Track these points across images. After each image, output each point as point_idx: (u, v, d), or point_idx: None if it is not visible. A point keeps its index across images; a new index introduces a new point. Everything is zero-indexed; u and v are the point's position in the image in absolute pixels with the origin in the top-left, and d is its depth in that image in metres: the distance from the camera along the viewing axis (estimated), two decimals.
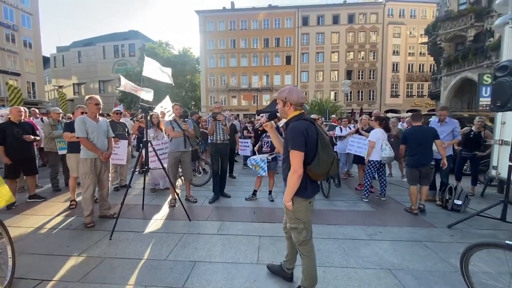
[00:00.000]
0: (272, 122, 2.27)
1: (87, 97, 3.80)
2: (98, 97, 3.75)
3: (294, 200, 2.00)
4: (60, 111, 5.66)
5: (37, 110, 8.19)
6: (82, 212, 3.71)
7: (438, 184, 4.85)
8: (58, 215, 4.08)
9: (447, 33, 18.67)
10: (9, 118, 4.62)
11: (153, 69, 7.59)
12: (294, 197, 1.99)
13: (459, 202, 4.25)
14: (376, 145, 4.73)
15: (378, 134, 4.79)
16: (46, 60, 40.45)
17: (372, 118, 5.41)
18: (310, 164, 1.93)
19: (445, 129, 4.62)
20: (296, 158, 1.89)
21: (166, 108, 7.40)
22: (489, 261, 2.25)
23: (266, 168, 4.45)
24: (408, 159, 4.31)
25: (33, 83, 29.54)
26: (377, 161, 4.78)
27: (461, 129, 5.10)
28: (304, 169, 1.92)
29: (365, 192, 4.91)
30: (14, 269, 2.25)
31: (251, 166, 4.62)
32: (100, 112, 3.82)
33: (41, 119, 7.71)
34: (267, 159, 4.53)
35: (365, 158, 4.98)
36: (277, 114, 2.26)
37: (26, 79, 28.60)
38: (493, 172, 4.65)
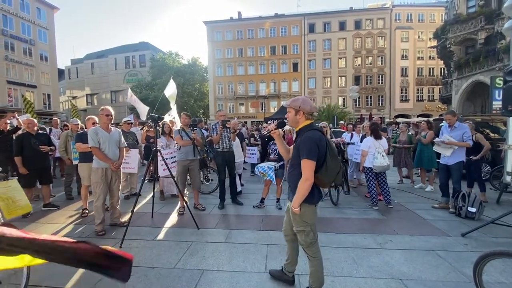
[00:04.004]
0: (280, 130, 2.34)
1: (100, 108, 3.93)
2: (109, 108, 3.87)
3: (301, 206, 2.07)
4: (79, 122, 5.83)
5: (58, 120, 8.50)
6: (93, 221, 3.80)
7: (451, 191, 4.72)
8: (71, 223, 4.19)
9: (457, 36, 18.40)
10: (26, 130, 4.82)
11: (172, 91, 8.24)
12: (302, 203, 2.06)
13: (473, 210, 4.12)
14: (368, 153, 4.83)
15: (368, 142, 4.88)
16: (61, 72, 42.01)
17: (365, 124, 5.45)
18: (318, 172, 2.01)
19: (454, 134, 4.50)
20: (310, 167, 1.98)
21: (174, 117, 7.55)
22: (504, 271, 2.18)
23: (273, 176, 4.45)
24: None
25: (48, 95, 30.66)
26: (370, 167, 4.80)
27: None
28: None
29: (373, 200, 4.84)
30: (28, 277, 2.31)
31: (258, 174, 4.63)
32: (112, 122, 3.94)
33: (61, 129, 8.01)
34: (275, 166, 4.53)
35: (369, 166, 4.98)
36: (286, 122, 2.34)
37: (42, 91, 29.72)
38: (508, 178, 4.51)
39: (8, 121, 6.02)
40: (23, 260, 0.59)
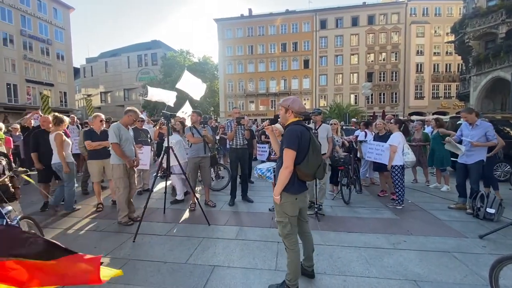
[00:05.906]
0: (273, 126, 2.53)
1: (128, 108, 4.03)
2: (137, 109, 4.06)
3: (282, 195, 2.23)
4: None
5: (75, 117, 8.75)
6: (108, 215, 3.91)
7: (468, 191, 4.55)
8: (86, 217, 4.31)
9: (476, 30, 17.70)
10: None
11: (189, 83, 7.97)
12: (282, 192, 2.22)
13: (492, 211, 3.97)
14: (397, 149, 4.58)
15: (398, 137, 4.62)
16: (76, 71, 43.24)
17: (392, 121, 5.22)
18: (300, 164, 2.16)
19: (475, 132, 4.31)
20: (289, 155, 2.14)
21: (186, 113, 7.60)
22: None
23: (272, 177, 4.35)
24: None
25: (64, 93, 31.66)
26: (400, 165, 4.60)
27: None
28: (294, 168, 2.17)
29: (399, 200, 4.66)
30: None
31: (257, 176, 4.56)
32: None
33: (77, 126, 8.24)
34: (273, 168, 4.45)
35: (387, 164, 4.80)
36: (278, 120, 2.53)
37: (58, 89, 30.71)
38: None
39: (33, 119, 6.24)
40: None
